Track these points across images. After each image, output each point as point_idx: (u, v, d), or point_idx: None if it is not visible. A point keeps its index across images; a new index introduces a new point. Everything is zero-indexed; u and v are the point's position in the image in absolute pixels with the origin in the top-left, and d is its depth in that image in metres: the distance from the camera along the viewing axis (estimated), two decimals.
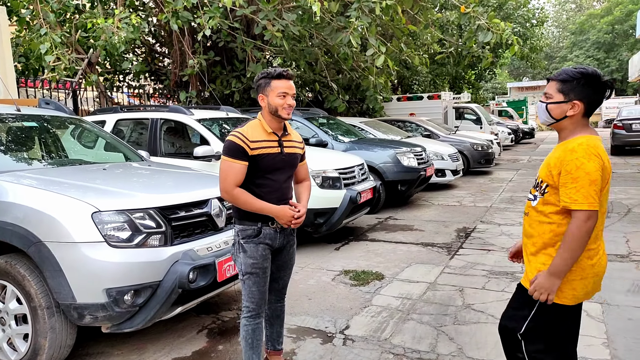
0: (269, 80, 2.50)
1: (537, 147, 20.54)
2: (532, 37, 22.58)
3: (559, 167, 1.92)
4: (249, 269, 2.53)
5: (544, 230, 1.99)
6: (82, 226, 2.67)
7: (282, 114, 2.50)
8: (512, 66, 47.46)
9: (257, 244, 2.52)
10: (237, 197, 2.44)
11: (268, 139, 2.51)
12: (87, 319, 2.70)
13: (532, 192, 2.09)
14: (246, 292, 2.58)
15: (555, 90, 1.98)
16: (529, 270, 2.05)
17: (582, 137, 1.94)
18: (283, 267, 2.74)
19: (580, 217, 1.85)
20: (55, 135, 4.12)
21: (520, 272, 4.65)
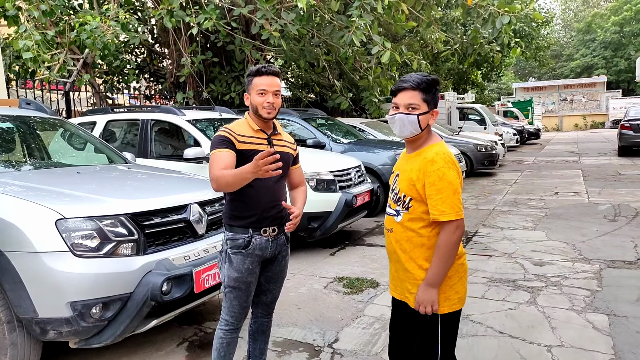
0: (251, 77, 2.34)
1: (543, 148, 20.23)
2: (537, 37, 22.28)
3: (422, 180, 1.89)
4: (232, 283, 2.34)
5: (414, 246, 1.97)
6: (45, 234, 2.48)
7: (262, 113, 2.31)
8: (517, 66, 47.06)
9: (245, 255, 2.32)
10: (220, 175, 2.16)
11: (255, 136, 2.35)
12: (51, 335, 2.51)
13: (392, 207, 2.03)
14: (227, 304, 2.40)
15: (421, 100, 1.92)
16: (409, 287, 2.00)
17: (435, 146, 1.95)
18: (273, 279, 2.52)
19: (450, 228, 1.86)
20: (33, 137, 3.94)
21: (523, 279, 4.43)
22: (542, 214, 7.21)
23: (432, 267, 1.91)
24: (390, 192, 2.11)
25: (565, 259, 4.97)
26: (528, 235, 6.05)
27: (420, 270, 1.96)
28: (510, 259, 5.08)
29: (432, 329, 1.99)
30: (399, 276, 2.06)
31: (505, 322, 3.55)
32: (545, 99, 37.02)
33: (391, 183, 2.13)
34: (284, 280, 2.60)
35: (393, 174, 2.13)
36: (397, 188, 2.01)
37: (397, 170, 2.08)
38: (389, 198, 2.10)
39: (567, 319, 3.55)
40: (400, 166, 2.08)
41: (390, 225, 2.05)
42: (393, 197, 2.05)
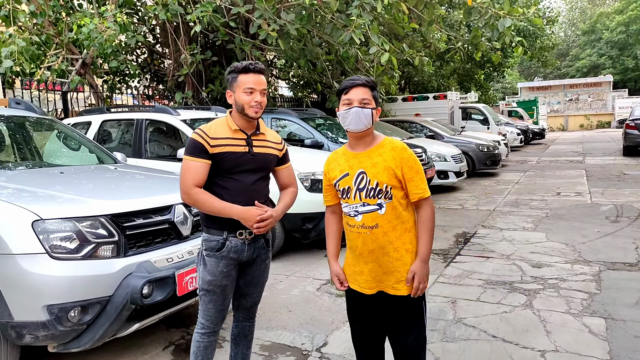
0: (236, 74, 2.24)
1: (547, 148, 20.05)
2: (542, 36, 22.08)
3: (400, 166, 2.02)
4: (205, 285, 2.26)
5: (400, 233, 2.06)
6: (21, 236, 2.43)
7: (250, 113, 2.22)
8: (522, 66, 46.74)
9: (219, 258, 2.24)
10: (196, 198, 2.18)
11: (232, 137, 2.24)
12: (28, 339, 2.45)
13: (371, 203, 2.03)
14: (202, 308, 2.31)
15: (370, 96, 2.05)
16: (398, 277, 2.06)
17: (389, 138, 2.12)
18: (252, 283, 2.42)
19: (430, 202, 2.08)
20: (20, 137, 3.89)
21: (520, 282, 4.33)
22: (543, 215, 7.10)
23: (422, 243, 2.05)
24: (355, 191, 2.05)
25: (564, 261, 4.87)
26: (528, 236, 5.94)
27: (408, 254, 2.06)
28: (508, 260, 4.98)
29: (418, 310, 2.12)
30: (384, 271, 2.07)
31: (500, 325, 3.46)
32: (551, 98, 36.74)
33: (351, 184, 2.07)
34: (265, 284, 2.50)
35: (349, 176, 2.07)
36: (372, 183, 2.02)
37: (357, 168, 2.05)
38: (356, 198, 2.05)
39: (563, 322, 3.46)
40: (357, 165, 2.06)
41: (373, 221, 2.03)
42: (368, 193, 2.03)
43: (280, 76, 15.34)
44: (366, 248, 2.07)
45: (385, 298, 2.10)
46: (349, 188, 2.07)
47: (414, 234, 2.08)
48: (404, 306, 2.09)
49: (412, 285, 2.04)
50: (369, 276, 2.10)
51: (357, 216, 2.06)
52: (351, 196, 2.07)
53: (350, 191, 2.07)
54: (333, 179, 2.14)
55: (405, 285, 2.06)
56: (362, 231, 2.06)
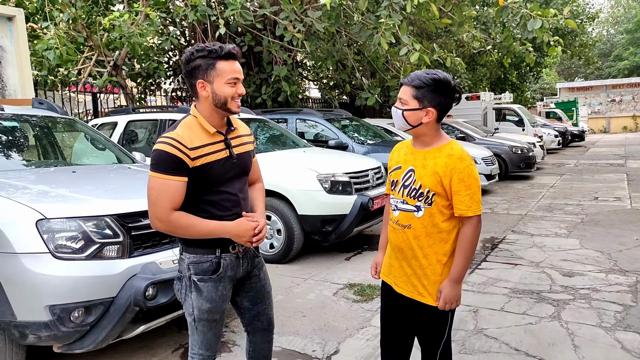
0: (213, 60, 1.81)
1: (586, 151, 19.26)
2: (581, 34, 21.26)
3: (449, 176, 1.89)
4: (204, 315, 1.94)
5: (434, 242, 1.96)
6: (25, 235, 2.41)
7: (233, 108, 1.88)
8: (562, 66, 45.22)
9: (216, 281, 1.92)
10: (177, 224, 1.81)
11: (212, 141, 1.88)
12: (31, 339, 2.43)
13: (410, 203, 1.98)
14: (199, 338, 1.98)
15: (410, 97, 1.92)
16: (424, 285, 1.98)
17: (453, 143, 1.97)
18: (259, 299, 2.12)
19: (475, 222, 1.91)
20: (40, 136, 3.94)
21: (549, 291, 4.09)
22: (578, 220, 6.76)
23: (457, 263, 1.93)
24: (401, 187, 2.02)
25: (598, 270, 4.59)
26: (560, 242, 5.65)
27: (440, 265, 1.96)
28: (537, 268, 4.73)
29: (443, 323, 2.02)
30: (412, 273, 2.01)
31: (524, 338, 3.25)
32: (592, 99, 35.35)
33: (399, 177, 2.03)
34: (272, 295, 2.22)
35: (401, 170, 2.04)
36: (416, 183, 1.95)
37: (410, 165, 2.01)
38: (400, 193, 2.02)
39: (593, 337, 3.23)
40: (412, 161, 2.01)
41: (407, 221, 1.99)
42: (410, 192, 1.98)
43: (309, 77, 15.29)
44: (397, 245, 2.05)
45: (408, 300, 2.04)
46: (397, 181, 2.05)
47: (451, 247, 1.96)
48: (425, 314, 2.02)
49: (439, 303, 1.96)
50: (398, 273, 2.07)
51: (396, 211, 2.04)
52: (396, 190, 2.04)
53: (397, 185, 2.04)
54: (389, 168, 2.13)
55: (428, 295, 1.99)
56: (396, 227, 2.04)
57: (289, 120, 8.11)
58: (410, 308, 2.05)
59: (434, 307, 1.97)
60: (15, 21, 6.39)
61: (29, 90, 6.59)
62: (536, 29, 7.41)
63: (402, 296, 2.05)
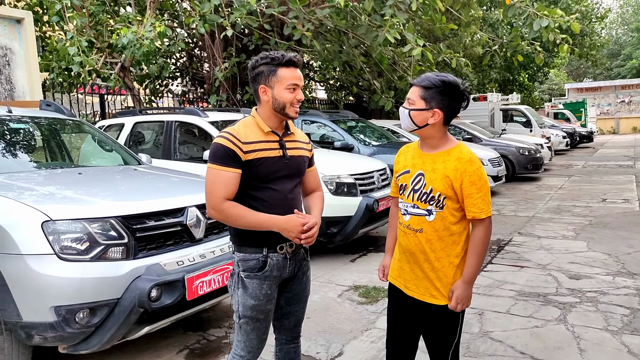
0: (275, 67, 1.93)
1: (595, 152, 19.11)
2: (591, 34, 21.10)
3: (460, 179, 1.89)
4: (248, 312, 1.99)
5: (446, 244, 1.96)
6: (30, 236, 2.43)
7: (291, 113, 1.97)
8: (571, 66, 44.90)
9: (261, 279, 1.98)
10: (229, 212, 1.90)
11: (266, 140, 1.98)
12: (36, 339, 2.45)
13: (421, 207, 1.98)
14: (242, 338, 2.03)
15: (418, 97, 1.92)
16: (436, 287, 1.98)
17: (462, 146, 1.97)
18: (295, 300, 2.16)
19: (487, 224, 1.92)
20: (46, 138, 3.98)
21: (555, 294, 4.06)
22: (586, 223, 6.71)
23: (470, 264, 1.93)
24: (410, 191, 2.01)
25: (605, 273, 4.55)
26: (567, 245, 5.61)
27: (452, 267, 1.97)
28: (543, 270, 4.70)
29: (454, 324, 2.02)
30: (424, 275, 2.00)
31: (529, 341, 3.23)
32: (601, 100, 35.07)
33: (408, 182, 2.03)
34: (308, 300, 2.24)
35: (409, 174, 2.03)
36: (427, 187, 1.95)
37: (418, 169, 2.00)
38: (410, 198, 2.02)
39: (600, 340, 3.20)
40: (420, 165, 2.00)
41: (419, 225, 1.99)
42: (421, 196, 1.97)
43: (315, 78, 15.30)
44: (408, 249, 2.04)
45: (422, 304, 2.04)
46: (406, 186, 2.04)
47: (463, 249, 1.97)
48: (437, 315, 2.01)
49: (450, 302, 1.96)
50: (409, 276, 2.06)
51: (406, 215, 2.04)
52: (405, 194, 2.04)
53: (406, 189, 2.03)
54: (396, 173, 2.12)
55: (440, 296, 1.99)
56: (407, 232, 2.03)
57: (295, 122, 8.10)
58: (420, 310, 2.05)
59: (446, 309, 1.97)
60: (24, 24, 6.46)
61: (37, 92, 6.66)
62: (542, 28, 7.38)
63: (412, 299, 2.05)
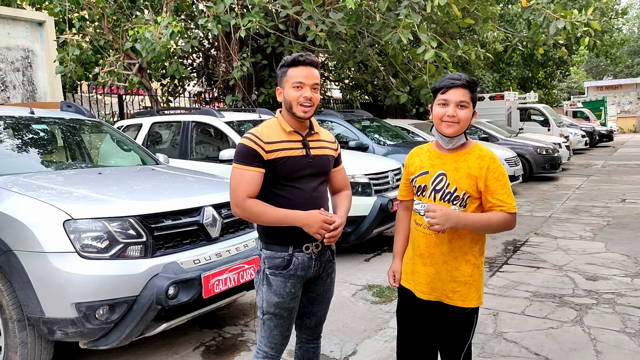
0: (285, 68, 1.99)
1: (615, 151, 18.79)
2: (611, 31, 20.72)
3: (484, 177, 1.92)
4: (271, 309, 2.03)
5: (465, 243, 1.97)
6: (52, 235, 2.50)
7: (297, 112, 1.97)
8: (590, 64, 44.16)
9: (286, 277, 2.01)
10: (251, 210, 1.94)
11: (288, 139, 2.01)
12: (58, 335, 2.52)
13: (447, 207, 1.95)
14: (266, 334, 2.08)
15: (469, 99, 1.93)
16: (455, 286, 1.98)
17: (480, 144, 2.00)
18: (317, 300, 2.18)
19: (513, 218, 1.92)
20: (66, 138, 4.07)
21: (572, 295, 4.03)
22: (604, 223, 6.62)
23: (474, 218, 1.90)
24: (432, 191, 1.99)
25: (623, 274, 4.49)
26: (585, 246, 5.54)
27: (469, 265, 1.98)
28: (560, 271, 4.66)
29: (468, 325, 2.03)
30: (441, 277, 1.99)
31: (544, 342, 3.22)
32: (621, 98, 34.44)
33: (428, 182, 2.01)
34: (330, 302, 2.26)
35: (429, 175, 2.01)
36: (451, 187, 1.95)
37: (439, 169, 1.99)
38: (431, 198, 2.00)
39: (617, 342, 3.17)
40: (440, 165, 1.99)
41: None
42: (444, 196, 1.96)
43: (330, 78, 15.32)
44: (428, 250, 2.01)
45: (436, 306, 2.04)
46: (426, 186, 2.02)
47: (480, 247, 2.00)
48: (452, 317, 2.01)
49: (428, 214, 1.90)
50: (423, 279, 2.04)
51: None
52: (426, 195, 2.02)
53: (427, 190, 2.01)
54: (411, 175, 2.10)
55: (459, 298, 1.98)
56: (427, 232, 1.99)
57: None
58: (434, 313, 2.04)
59: (461, 310, 1.98)
60: (45, 26, 6.61)
61: (57, 93, 6.81)
62: (560, 29, 7.30)
63: (425, 302, 2.04)
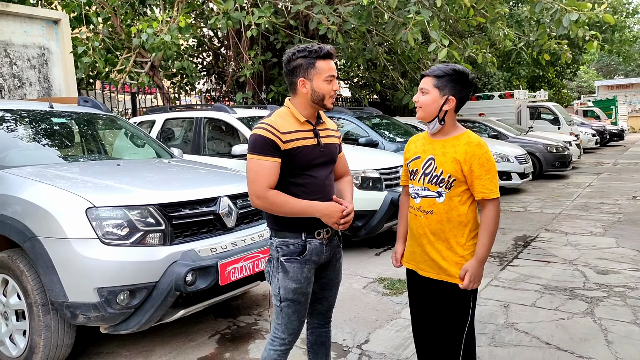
0: (313, 60, 1.98)
1: (626, 150, 18.66)
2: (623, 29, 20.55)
3: (469, 162, 2.00)
4: (290, 295, 2.05)
5: (454, 225, 2.05)
6: (75, 222, 2.58)
7: (328, 104, 2.04)
8: (601, 63, 43.81)
9: (302, 263, 2.04)
10: (273, 200, 1.96)
11: (302, 129, 2.04)
12: (81, 319, 2.60)
13: (431, 189, 2.09)
14: (283, 321, 2.08)
15: (432, 86, 2.03)
16: (446, 266, 2.07)
17: (470, 132, 2.09)
18: (329, 285, 2.24)
19: (496, 204, 2.02)
20: (84, 132, 4.16)
21: (582, 288, 4.05)
22: (614, 220, 6.61)
23: (482, 244, 2.01)
24: (421, 175, 2.13)
25: (634, 268, 4.50)
26: (595, 241, 5.55)
27: (459, 247, 2.06)
28: (570, 266, 4.68)
29: (466, 304, 2.09)
30: (435, 256, 2.09)
31: (555, 333, 3.25)
32: (632, 97, 34.16)
33: (419, 167, 2.14)
34: (339, 285, 2.33)
35: (420, 159, 2.15)
36: (437, 170, 2.06)
37: (429, 154, 2.11)
38: (420, 181, 2.13)
39: (628, 333, 3.20)
40: (430, 150, 2.11)
41: (429, 207, 2.09)
42: (431, 179, 2.08)
43: (339, 76, 15.37)
44: (419, 231, 2.13)
45: (432, 283, 2.14)
46: (417, 170, 2.15)
47: (471, 230, 2.07)
48: (448, 294, 2.09)
49: (463, 282, 2.03)
50: (420, 257, 2.16)
51: (417, 199, 2.14)
52: (416, 178, 2.14)
53: (417, 174, 2.14)
54: (407, 159, 2.24)
55: (449, 275, 2.07)
56: (418, 214, 2.13)
57: None
58: (435, 290, 2.14)
59: (457, 288, 2.05)
60: (60, 24, 6.72)
61: (72, 89, 6.92)
62: (572, 22, 7.27)
63: (427, 279, 2.15)
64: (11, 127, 3.63)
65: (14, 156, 3.34)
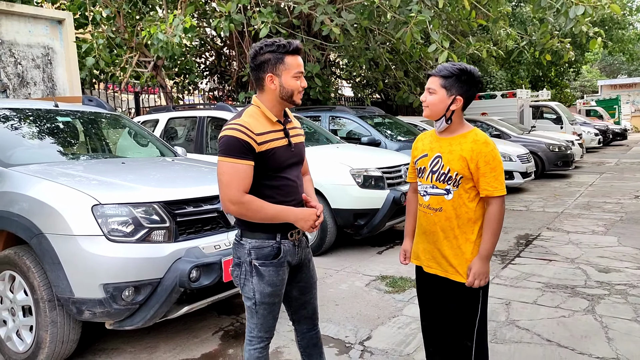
0: (282, 55, 1.92)
1: (629, 150, 18.63)
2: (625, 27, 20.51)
3: (475, 159, 2.02)
4: (266, 299, 2.00)
5: (463, 222, 2.08)
6: (81, 219, 2.62)
7: (297, 100, 1.99)
8: (604, 62, 43.71)
9: (277, 266, 1.99)
10: (249, 206, 1.89)
11: (273, 129, 1.97)
12: (86, 315, 2.64)
13: (440, 187, 2.10)
14: (259, 321, 2.05)
15: (439, 86, 2.04)
16: (456, 263, 2.09)
17: (477, 130, 2.10)
18: (307, 289, 2.21)
19: (500, 202, 2.06)
20: (89, 130, 4.20)
21: (584, 286, 4.07)
22: (616, 218, 6.62)
23: (486, 241, 2.04)
24: (429, 173, 2.14)
25: (636, 267, 4.52)
26: (597, 240, 5.57)
27: (469, 243, 2.07)
28: (572, 264, 4.70)
29: (475, 300, 2.11)
30: (444, 253, 2.11)
31: (556, 330, 3.27)
32: (636, 97, 34.05)
33: (427, 164, 2.16)
34: (317, 285, 2.31)
35: (427, 157, 2.16)
36: (445, 168, 2.08)
37: (436, 152, 2.13)
38: (428, 179, 2.14)
39: (628, 330, 3.21)
40: (438, 148, 2.13)
41: (438, 204, 2.11)
42: (439, 177, 2.10)
43: (342, 76, 15.40)
44: (428, 228, 2.16)
45: (439, 280, 2.16)
46: (424, 168, 2.17)
47: (481, 227, 2.09)
48: (457, 292, 2.11)
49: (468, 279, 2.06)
50: (427, 254, 2.18)
51: (426, 196, 2.16)
52: (424, 176, 2.17)
53: (425, 171, 2.16)
54: (414, 157, 2.26)
55: (458, 272, 2.08)
56: (427, 211, 2.16)
57: (322, 118, 8.24)
58: (443, 288, 2.16)
59: (464, 286, 2.07)
60: (64, 24, 6.76)
61: (76, 89, 6.97)
62: (579, 15, 7.23)
63: (435, 277, 2.17)
64: (17, 126, 3.68)
65: (20, 154, 3.38)
